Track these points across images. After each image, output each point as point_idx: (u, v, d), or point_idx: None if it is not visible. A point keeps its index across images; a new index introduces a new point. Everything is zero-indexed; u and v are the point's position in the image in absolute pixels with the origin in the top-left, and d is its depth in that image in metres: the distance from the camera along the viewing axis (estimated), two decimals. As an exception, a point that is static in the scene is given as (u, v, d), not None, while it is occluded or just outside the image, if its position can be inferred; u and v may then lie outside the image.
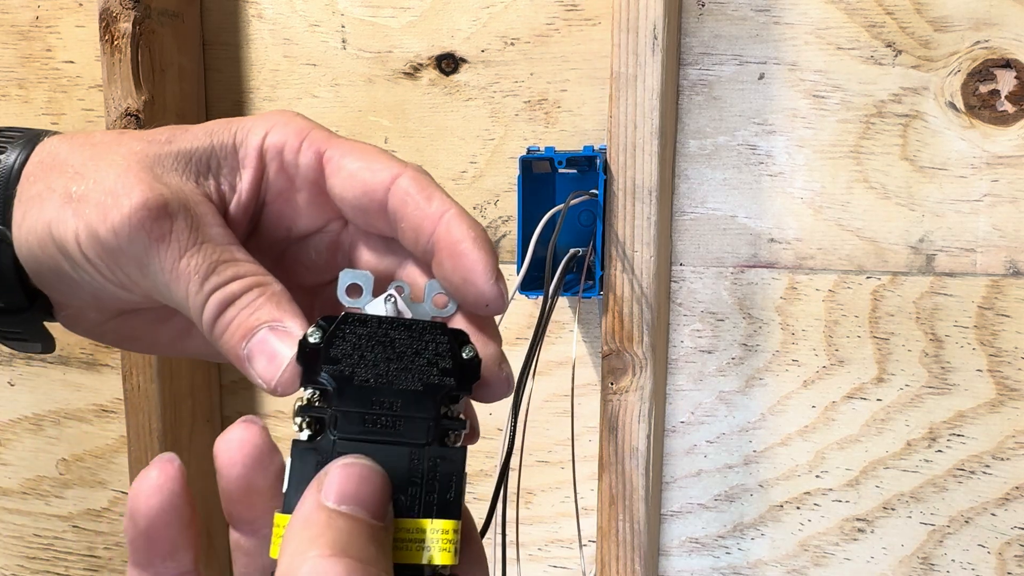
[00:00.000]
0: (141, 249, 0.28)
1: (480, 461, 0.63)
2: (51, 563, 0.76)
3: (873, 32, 0.53)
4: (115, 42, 0.58)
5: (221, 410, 0.68)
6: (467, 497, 0.29)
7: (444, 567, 0.25)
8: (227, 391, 0.69)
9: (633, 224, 0.52)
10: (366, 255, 0.32)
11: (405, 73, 0.61)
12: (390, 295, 0.28)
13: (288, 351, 0.27)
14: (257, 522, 0.26)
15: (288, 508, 0.25)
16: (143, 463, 0.64)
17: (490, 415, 0.63)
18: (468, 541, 0.27)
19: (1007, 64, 0.52)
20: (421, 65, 0.61)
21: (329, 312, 0.28)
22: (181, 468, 0.26)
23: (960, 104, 0.53)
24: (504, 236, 0.61)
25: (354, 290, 0.29)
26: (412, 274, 0.32)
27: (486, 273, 0.28)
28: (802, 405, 0.57)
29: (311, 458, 0.25)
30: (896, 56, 0.53)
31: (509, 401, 0.47)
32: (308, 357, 0.26)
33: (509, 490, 0.51)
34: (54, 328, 0.34)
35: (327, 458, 0.25)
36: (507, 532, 0.49)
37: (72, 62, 0.67)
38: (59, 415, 0.74)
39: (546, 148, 0.54)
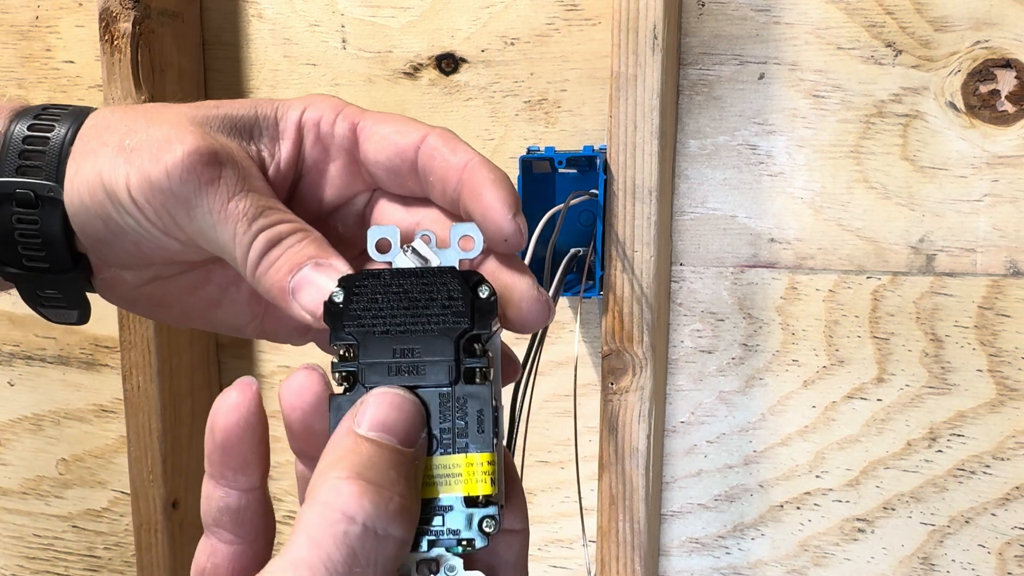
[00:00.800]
0: (191, 191, 0.30)
1: (480, 461, 0.63)
2: (51, 563, 0.76)
3: (873, 32, 0.53)
4: (115, 42, 0.58)
5: (221, 410, 0.68)
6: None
7: (486, 497, 0.27)
8: (227, 391, 0.69)
9: (633, 224, 0.52)
10: (393, 215, 0.34)
11: (405, 73, 0.61)
12: (412, 247, 0.29)
13: (332, 284, 0.28)
14: (318, 456, 0.27)
15: None
16: (143, 463, 0.64)
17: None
18: (509, 481, 0.29)
19: (1007, 64, 0.52)
20: (421, 65, 0.61)
21: None
22: (258, 392, 0.28)
23: (960, 104, 0.53)
24: (504, 236, 0.61)
25: (383, 245, 0.30)
26: (435, 224, 0.33)
27: (503, 209, 0.30)
28: (802, 405, 0.57)
29: (348, 409, 0.27)
30: (896, 56, 0.53)
31: (508, 401, 0.47)
32: (333, 317, 0.28)
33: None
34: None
35: None
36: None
37: (72, 62, 0.67)
38: (59, 415, 0.74)
39: (546, 148, 0.54)
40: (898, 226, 0.54)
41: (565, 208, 0.50)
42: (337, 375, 0.28)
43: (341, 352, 0.28)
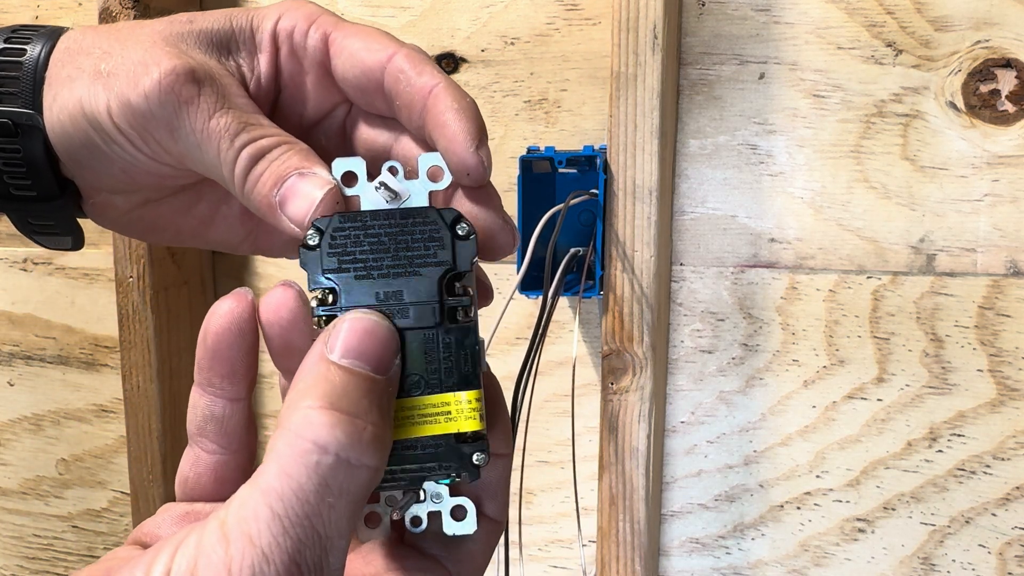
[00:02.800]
0: (171, 112, 0.29)
1: (480, 461, 0.63)
2: (51, 563, 0.76)
3: (873, 32, 0.53)
4: (115, 42, 0.58)
5: (221, 410, 0.68)
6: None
7: (472, 433, 0.27)
8: (227, 391, 0.68)
9: (633, 224, 0.52)
10: (370, 136, 0.33)
11: (405, 73, 0.61)
12: (381, 181, 0.29)
13: (318, 191, 0.28)
14: (223, 385, 0.29)
15: None
16: (143, 463, 0.64)
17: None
18: (494, 407, 0.29)
19: (1008, 64, 0.52)
20: (421, 65, 0.61)
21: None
22: (253, 302, 0.28)
23: (960, 104, 0.53)
24: (504, 236, 0.61)
25: (349, 177, 0.29)
26: (411, 150, 0.32)
27: (465, 141, 0.29)
28: (802, 405, 0.57)
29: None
30: (896, 56, 0.53)
31: (508, 401, 0.47)
32: (310, 260, 0.27)
33: (509, 490, 0.51)
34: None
35: None
36: (507, 532, 0.49)
37: (72, 62, 0.67)
38: (59, 415, 0.73)
39: (546, 148, 0.54)
40: (898, 226, 0.54)
41: (565, 208, 0.50)
42: (316, 319, 0.27)
43: (319, 296, 0.27)
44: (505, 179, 0.60)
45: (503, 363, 0.61)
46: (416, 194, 0.29)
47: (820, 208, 0.55)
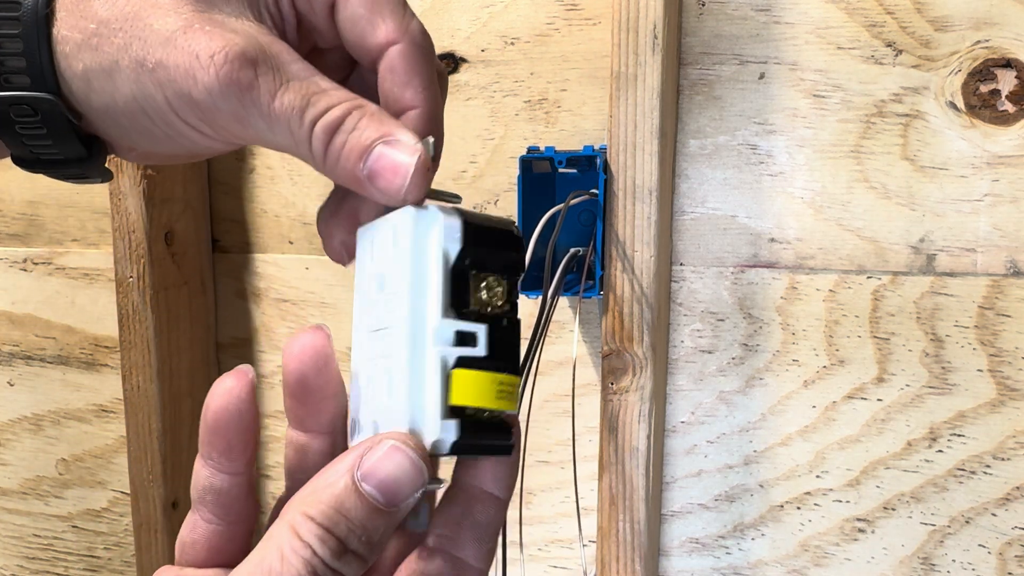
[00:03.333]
0: (235, 102, 0.29)
1: (480, 461, 0.63)
2: (51, 563, 0.76)
3: (873, 32, 0.53)
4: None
5: (221, 410, 0.68)
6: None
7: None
8: (227, 391, 0.68)
9: (633, 224, 0.52)
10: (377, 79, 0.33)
11: (405, 73, 0.61)
12: None
13: (408, 158, 0.28)
14: (308, 420, 0.30)
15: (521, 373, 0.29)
16: (143, 463, 0.64)
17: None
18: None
19: (1008, 64, 0.52)
20: (421, 65, 0.61)
21: None
22: (253, 381, 0.29)
23: (960, 104, 0.53)
24: (504, 236, 0.61)
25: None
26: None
27: (399, 184, 0.29)
28: (802, 405, 0.57)
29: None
30: (896, 56, 0.53)
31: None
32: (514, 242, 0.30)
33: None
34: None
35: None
36: (507, 532, 0.49)
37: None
38: (59, 415, 0.73)
39: (546, 148, 0.54)
40: (898, 226, 0.54)
41: (565, 208, 0.50)
42: (509, 304, 0.29)
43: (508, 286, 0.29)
44: (505, 179, 0.60)
45: (503, 363, 0.61)
46: None
47: (820, 208, 0.55)
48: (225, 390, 0.29)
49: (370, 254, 0.31)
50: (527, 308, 0.61)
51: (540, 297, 0.50)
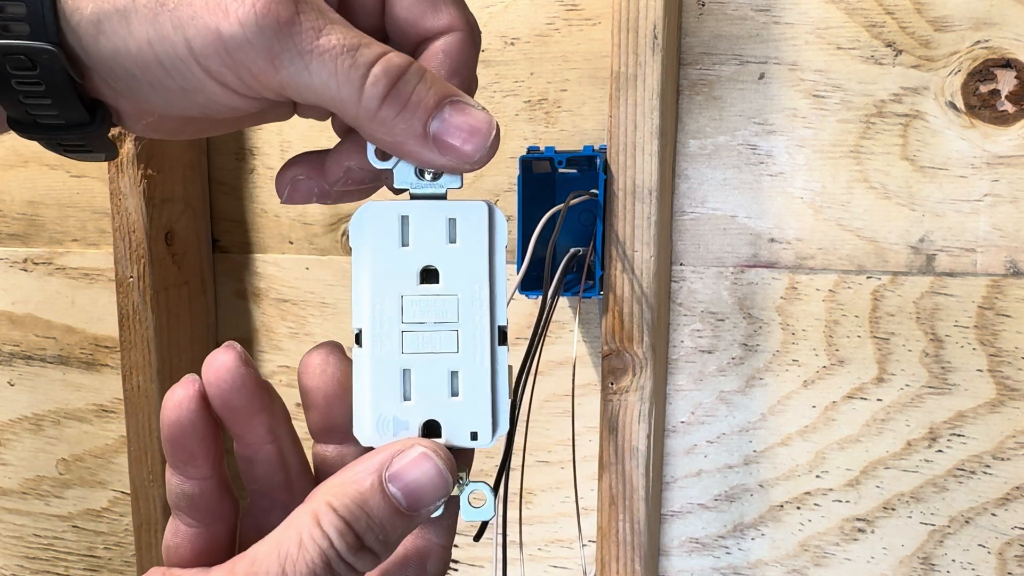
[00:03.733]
0: (271, 37, 0.26)
1: (480, 461, 0.63)
2: (51, 563, 0.76)
3: (873, 32, 0.53)
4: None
5: (221, 410, 0.68)
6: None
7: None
8: (227, 391, 0.68)
9: (633, 224, 0.52)
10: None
11: (405, 73, 0.61)
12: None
13: (488, 121, 0.27)
14: (244, 437, 0.30)
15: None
16: (143, 463, 0.64)
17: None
18: None
19: (1007, 64, 0.52)
20: (421, 65, 0.61)
21: None
22: (201, 389, 0.28)
23: (960, 104, 0.53)
24: (504, 236, 0.61)
25: (382, 152, 0.29)
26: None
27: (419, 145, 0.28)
28: (802, 405, 0.57)
29: None
30: (896, 56, 0.53)
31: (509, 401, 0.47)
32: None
33: (509, 490, 0.51)
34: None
35: None
36: (507, 532, 0.49)
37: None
38: (59, 415, 0.74)
39: (546, 148, 0.54)
40: (898, 226, 0.54)
41: (565, 208, 0.50)
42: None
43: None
44: (505, 179, 0.60)
45: (503, 363, 0.61)
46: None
47: (820, 208, 0.55)
48: (175, 404, 0.29)
49: (394, 240, 0.29)
50: (527, 308, 0.61)
51: (540, 297, 0.50)
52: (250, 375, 0.29)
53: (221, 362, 0.28)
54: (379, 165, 0.29)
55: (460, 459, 0.30)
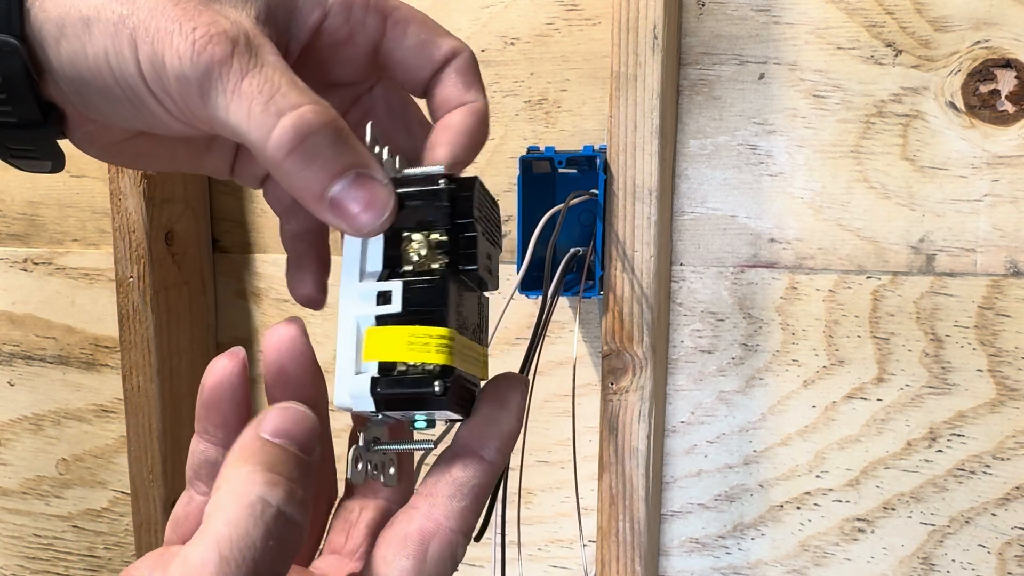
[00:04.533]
0: (204, 73, 0.28)
1: (480, 461, 0.63)
2: (51, 563, 0.76)
3: (873, 32, 0.53)
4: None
5: (221, 410, 0.68)
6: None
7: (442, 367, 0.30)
8: (227, 391, 0.69)
9: (633, 224, 0.52)
10: (380, 116, 0.35)
11: (405, 73, 0.61)
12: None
13: (388, 196, 0.29)
14: (216, 433, 0.31)
15: (446, 323, 0.29)
16: (143, 463, 0.64)
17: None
18: (495, 408, 0.32)
19: (1007, 64, 0.52)
20: (421, 65, 0.61)
21: None
22: (245, 360, 0.30)
23: (960, 104, 0.53)
24: (504, 236, 0.61)
25: (373, 142, 0.31)
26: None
27: (445, 160, 0.32)
28: (802, 405, 0.57)
29: (453, 287, 0.30)
30: (896, 56, 0.53)
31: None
32: (448, 198, 0.31)
33: (509, 490, 0.51)
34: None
35: (458, 290, 0.30)
36: (507, 532, 0.49)
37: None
38: (59, 415, 0.74)
39: (546, 148, 0.54)
40: (898, 226, 0.54)
41: (565, 208, 0.50)
42: (437, 254, 0.30)
43: (443, 237, 0.30)
44: (505, 179, 0.60)
45: (503, 363, 0.61)
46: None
47: (820, 208, 0.55)
48: (220, 368, 0.30)
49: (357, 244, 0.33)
50: (527, 308, 0.61)
51: (540, 297, 0.50)
52: (309, 348, 0.31)
53: (286, 331, 0.30)
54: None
55: (402, 433, 0.33)
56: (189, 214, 0.65)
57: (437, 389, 0.29)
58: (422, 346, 0.29)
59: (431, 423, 0.31)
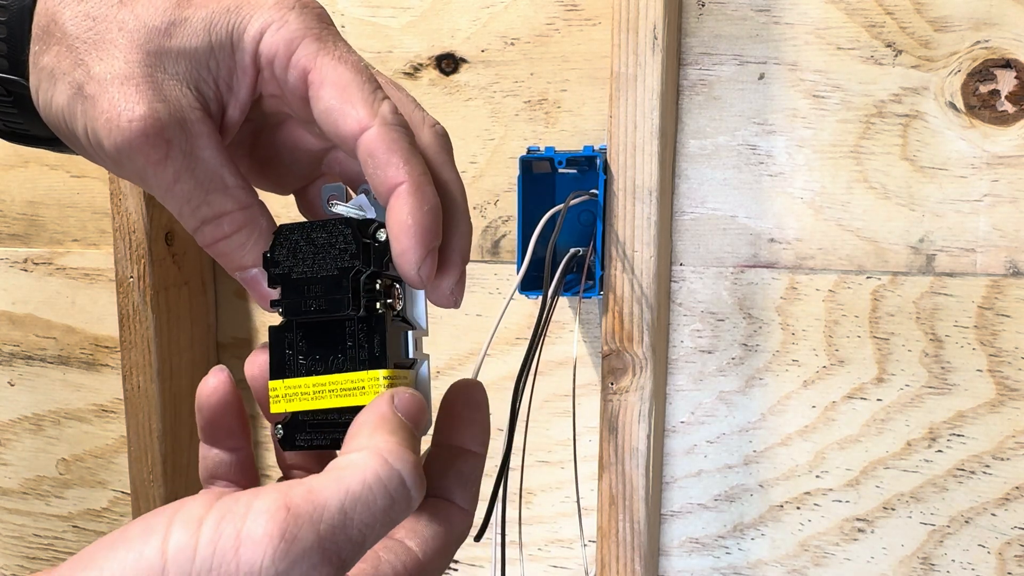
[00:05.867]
0: (140, 167, 0.31)
1: (480, 461, 0.63)
2: (51, 563, 0.76)
3: (873, 32, 0.53)
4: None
5: (221, 410, 0.68)
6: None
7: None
8: (227, 391, 0.69)
9: (633, 224, 0.52)
10: (352, 168, 0.35)
11: (405, 73, 0.61)
12: (357, 203, 0.33)
13: (263, 299, 0.34)
14: (226, 441, 0.34)
15: (272, 376, 0.32)
16: (143, 463, 0.64)
17: (490, 415, 0.63)
18: (472, 409, 0.34)
19: (1007, 64, 0.52)
20: (421, 65, 0.61)
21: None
22: (230, 376, 0.33)
23: (960, 104, 0.53)
24: (504, 236, 0.61)
25: (333, 200, 0.34)
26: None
27: (411, 261, 0.31)
28: (802, 405, 0.57)
29: (280, 337, 0.33)
30: (896, 56, 0.53)
31: (509, 401, 0.47)
32: (266, 264, 0.33)
33: (509, 490, 0.51)
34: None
35: (291, 337, 0.33)
36: (507, 532, 0.49)
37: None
38: (59, 415, 0.74)
39: (546, 148, 0.54)
40: (898, 226, 0.54)
41: (565, 208, 0.50)
42: (275, 309, 0.34)
43: (278, 292, 0.33)
44: (505, 179, 0.60)
45: (503, 363, 0.61)
46: (380, 213, 0.33)
47: (820, 208, 0.55)
48: (212, 389, 0.33)
49: None
50: (527, 308, 0.61)
51: (540, 297, 0.50)
52: (236, 397, 0.33)
53: (214, 381, 0.33)
54: (328, 213, 0.34)
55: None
56: (189, 214, 0.65)
57: (320, 441, 0.32)
58: (329, 392, 0.32)
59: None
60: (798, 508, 0.58)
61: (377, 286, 0.32)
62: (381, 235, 0.32)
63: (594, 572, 0.56)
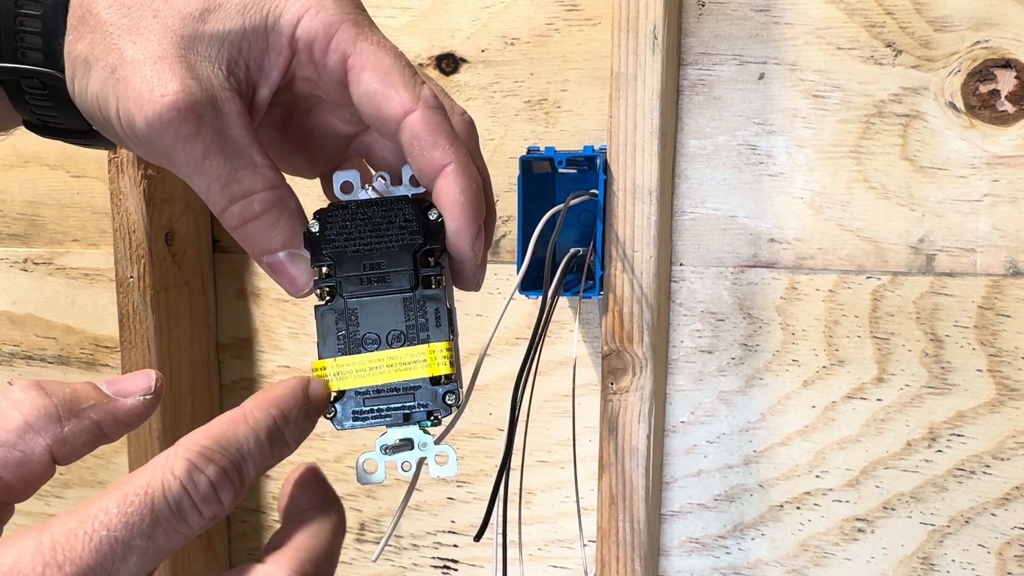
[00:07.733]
0: (170, 143, 0.31)
1: (480, 461, 0.63)
2: (51, 563, 0.76)
3: (873, 32, 0.53)
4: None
5: (221, 410, 0.68)
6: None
7: (447, 376, 0.33)
8: (227, 391, 0.69)
9: (633, 224, 0.52)
10: (381, 152, 0.36)
11: (405, 73, 0.61)
12: (372, 186, 0.34)
13: (305, 275, 0.33)
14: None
15: (320, 356, 0.32)
16: (143, 463, 0.64)
17: (490, 415, 0.63)
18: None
19: (1007, 64, 0.52)
20: (421, 65, 0.61)
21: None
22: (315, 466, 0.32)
23: (960, 104, 0.53)
24: (504, 236, 0.61)
25: (347, 186, 0.34)
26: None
27: (465, 239, 0.32)
28: (802, 405, 0.57)
29: (330, 316, 0.32)
30: (896, 56, 0.53)
31: (508, 401, 0.47)
32: (311, 243, 0.32)
33: (509, 490, 0.51)
34: None
35: (342, 314, 0.32)
36: (507, 532, 0.49)
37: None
38: (59, 415, 0.73)
39: (546, 148, 0.54)
40: (898, 226, 0.54)
41: (565, 208, 0.50)
42: (319, 290, 0.33)
43: (323, 270, 0.33)
44: (505, 179, 0.60)
45: (503, 363, 0.61)
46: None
47: (820, 208, 0.55)
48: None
49: None
50: (527, 308, 0.61)
51: (540, 297, 0.50)
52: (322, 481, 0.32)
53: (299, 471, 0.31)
54: (343, 198, 0.34)
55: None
56: (189, 214, 0.65)
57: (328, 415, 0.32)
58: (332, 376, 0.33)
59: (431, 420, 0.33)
60: (798, 508, 0.58)
61: (434, 263, 0.33)
62: (432, 214, 0.32)
63: (594, 572, 0.56)
